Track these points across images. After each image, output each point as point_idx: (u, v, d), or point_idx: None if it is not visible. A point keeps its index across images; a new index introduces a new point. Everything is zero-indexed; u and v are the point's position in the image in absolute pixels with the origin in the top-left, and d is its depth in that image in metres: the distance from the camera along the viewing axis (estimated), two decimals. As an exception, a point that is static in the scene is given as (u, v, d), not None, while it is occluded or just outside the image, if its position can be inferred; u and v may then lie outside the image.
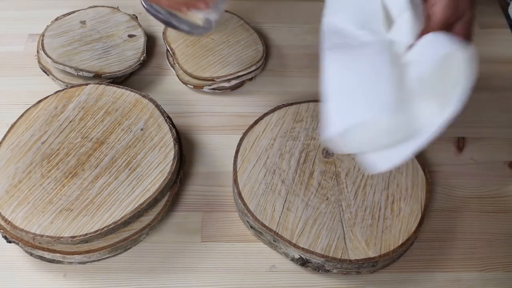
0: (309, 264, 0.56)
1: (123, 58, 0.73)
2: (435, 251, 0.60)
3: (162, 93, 0.73)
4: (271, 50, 0.80)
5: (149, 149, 0.60)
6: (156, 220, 0.58)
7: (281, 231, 0.57)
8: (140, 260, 0.59)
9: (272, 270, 0.58)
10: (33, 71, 0.75)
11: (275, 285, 0.58)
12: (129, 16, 0.78)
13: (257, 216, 0.58)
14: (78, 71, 0.70)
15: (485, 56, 0.80)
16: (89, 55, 0.72)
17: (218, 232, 0.61)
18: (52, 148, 0.60)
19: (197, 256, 0.59)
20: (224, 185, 0.64)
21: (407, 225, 0.57)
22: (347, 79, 0.47)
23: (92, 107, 0.64)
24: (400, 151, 0.46)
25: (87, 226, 0.54)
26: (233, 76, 0.72)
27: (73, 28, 0.75)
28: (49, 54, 0.71)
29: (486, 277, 0.59)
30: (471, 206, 0.64)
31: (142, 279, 0.57)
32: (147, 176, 0.58)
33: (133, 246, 0.59)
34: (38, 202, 0.56)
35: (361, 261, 0.55)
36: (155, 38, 0.80)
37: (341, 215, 0.58)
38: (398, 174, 0.61)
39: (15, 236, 0.55)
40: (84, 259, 0.56)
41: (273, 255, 0.59)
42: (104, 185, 0.57)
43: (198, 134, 0.69)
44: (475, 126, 0.72)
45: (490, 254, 0.60)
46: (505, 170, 0.68)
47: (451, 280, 0.58)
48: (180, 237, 0.61)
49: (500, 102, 0.75)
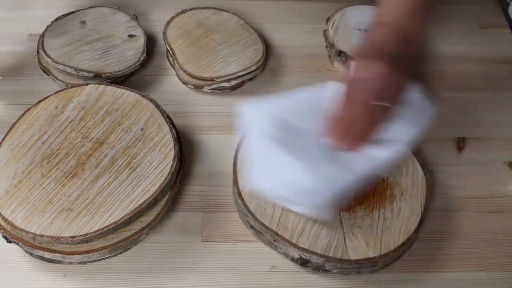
0: (309, 264, 0.56)
1: (123, 58, 0.73)
2: (435, 251, 0.60)
3: (162, 93, 0.73)
4: (271, 50, 0.80)
5: (149, 149, 0.60)
6: (156, 220, 0.58)
7: (281, 231, 0.57)
8: (140, 260, 0.59)
9: (272, 270, 0.58)
10: (33, 71, 0.75)
11: (275, 285, 0.58)
12: (129, 16, 0.78)
13: (257, 216, 0.58)
14: (78, 71, 0.70)
15: (485, 56, 0.81)
16: (89, 55, 0.72)
17: (218, 232, 0.61)
18: (52, 148, 0.60)
19: (197, 256, 0.59)
20: (224, 185, 0.64)
21: (407, 225, 0.57)
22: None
23: (92, 107, 0.64)
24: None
25: (87, 226, 0.54)
26: (233, 76, 0.72)
27: (73, 28, 0.75)
28: (49, 54, 0.71)
29: (486, 277, 0.59)
30: (470, 206, 0.64)
31: (142, 279, 0.57)
32: (147, 176, 0.58)
33: (133, 246, 0.59)
34: (38, 202, 0.56)
35: (361, 261, 0.55)
36: (155, 38, 0.80)
37: (341, 215, 0.58)
38: (398, 174, 0.61)
39: (15, 236, 0.55)
40: (84, 259, 0.56)
41: (273, 255, 0.59)
42: (104, 185, 0.57)
43: (198, 134, 0.69)
44: (475, 126, 0.72)
45: (490, 254, 0.60)
46: (505, 170, 0.68)
47: (451, 280, 0.58)
48: (180, 237, 0.61)
49: (500, 102, 0.75)
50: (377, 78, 0.52)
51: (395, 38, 0.55)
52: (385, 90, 0.52)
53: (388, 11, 0.57)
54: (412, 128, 0.56)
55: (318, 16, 0.82)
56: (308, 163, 0.52)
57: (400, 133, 0.55)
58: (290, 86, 0.75)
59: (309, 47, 0.80)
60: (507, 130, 0.72)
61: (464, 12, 0.86)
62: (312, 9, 0.85)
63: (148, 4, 0.85)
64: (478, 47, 0.82)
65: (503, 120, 0.73)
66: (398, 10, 0.57)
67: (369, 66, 0.52)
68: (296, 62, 0.78)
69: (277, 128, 0.55)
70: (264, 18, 0.84)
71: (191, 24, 0.78)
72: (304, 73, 0.77)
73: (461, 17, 0.86)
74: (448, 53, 0.79)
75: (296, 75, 0.77)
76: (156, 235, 0.60)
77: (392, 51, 0.53)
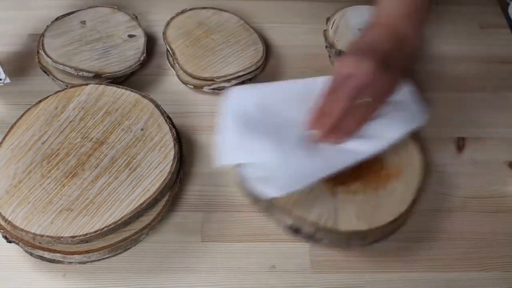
0: (300, 232, 0.57)
1: (123, 58, 0.73)
2: (435, 251, 0.60)
3: (162, 93, 0.73)
4: (271, 50, 0.80)
5: (149, 149, 0.60)
6: (156, 220, 0.58)
7: (276, 199, 0.57)
8: (140, 260, 0.59)
9: (272, 270, 0.58)
10: (33, 71, 0.75)
11: (275, 285, 0.58)
12: (129, 16, 0.78)
13: None
14: (78, 71, 0.70)
15: (485, 56, 0.81)
16: (89, 55, 0.72)
17: (218, 232, 0.61)
18: (52, 148, 0.60)
19: (197, 256, 0.59)
20: (224, 185, 0.64)
21: (400, 204, 0.58)
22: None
23: (92, 107, 0.64)
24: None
25: (87, 226, 0.54)
26: (233, 76, 0.72)
27: (73, 28, 0.75)
28: (49, 54, 0.71)
29: (486, 277, 0.59)
30: (471, 206, 0.64)
31: (142, 279, 0.57)
32: (147, 176, 0.58)
33: (133, 246, 0.59)
34: (38, 202, 0.56)
35: (350, 233, 0.56)
36: (155, 38, 0.80)
37: (335, 188, 0.58)
38: (394, 154, 0.61)
39: (15, 236, 0.55)
40: (84, 259, 0.56)
41: (273, 255, 0.59)
42: (104, 185, 0.57)
43: (198, 134, 0.69)
44: (475, 126, 0.72)
45: (490, 254, 0.61)
46: (505, 170, 0.68)
47: (451, 280, 0.59)
48: (180, 237, 0.61)
49: (500, 102, 0.75)
50: (363, 75, 0.52)
51: (389, 38, 0.55)
52: (370, 87, 0.53)
53: (384, 12, 0.58)
54: (398, 127, 0.57)
55: (318, 16, 0.82)
56: (281, 148, 0.55)
57: (385, 130, 0.56)
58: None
59: (309, 47, 0.80)
60: (507, 130, 0.72)
61: (464, 12, 0.86)
62: (312, 9, 0.85)
63: (148, 4, 0.85)
64: (478, 47, 0.82)
65: (503, 120, 0.73)
66: (394, 11, 0.57)
67: (357, 62, 0.53)
68: (296, 62, 0.79)
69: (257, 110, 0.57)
70: (264, 18, 0.84)
71: (191, 24, 0.78)
72: (304, 73, 0.77)
73: (461, 17, 0.86)
74: (448, 53, 0.79)
75: (296, 75, 0.76)
76: (156, 235, 0.60)
77: (385, 50, 0.54)
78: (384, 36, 0.56)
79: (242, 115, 0.58)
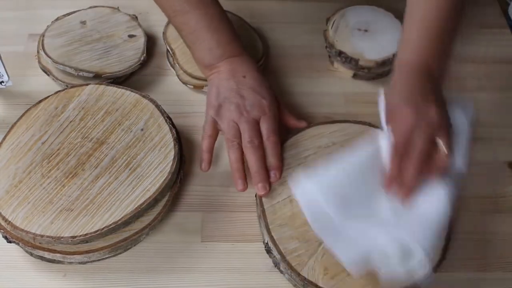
0: (270, 254, 0.57)
1: (123, 58, 0.73)
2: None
3: (162, 93, 0.73)
4: (271, 50, 0.80)
5: (149, 149, 0.60)
6: (156, 220, 0.58)
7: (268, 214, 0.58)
8: (140, 260, 0.59)
9: (272, 270, 0.58)
10: (33, 71, 0.75)
11: (275, 285, 0.58)
12: (129, 16, 0.78)
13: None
14: (78, 71, 0.70)
15: (485, 56, 0.81)
16: (89, 55, 0.72)
17: (218, 232, 0.61)
18: (52, 148, 0.60)
19: (197, 256, 0.59)
20: (224, 185, 0.64)
21: None
22: None
23: (92, 107, 0.64)
24: None
25: (87, 226, 0.54)
26: (233, 76, 0.72)
27: (73, 28, 0.75)
28: (49, 54, 0.71)
29: (486, 277, 0.59)
30: (471, 206, 0.64)
31: (142, 279, 0.57)
32: (147, 176, 0.58)
33: (133, 246, 0.59)
34: (38, 202, 0.56)
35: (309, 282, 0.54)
36: (155, 38, 0.80)
37: None
38: None
39: (15, 236, 0.55)
40: (84, 259, 0.56)
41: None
42: (104, 185, 0.57)
43: (198, 134, 0.69)
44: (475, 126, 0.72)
45: (490, 254, 0.60)
46: (505, 170, 0.68)
47: (451, 280, 0.58)
48: (180, 237, 0.61)
49: (500, 102, 0.75)
50: (432, 118, 0.53)
51: (422, 77, 0.56)
52: (442, 127, 0.54)
53: (409, 48, 0.58)
54: (461, 151, 0.57)
55: (318, 16, 0.82)
56: (378, 225, 0.52)
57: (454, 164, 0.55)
58: (290, 86, 0.75)
59: (309, 47, 0.80)
60: (507, 130, 0.72)
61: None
62: (312, 9, 0.85)
63: (148, 4, 0.85)
64: (478, 47, 0.82)
65: (503, 120, 0.73)
66: (420, 46, 0.58)
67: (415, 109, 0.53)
68: (296, 62, 0.78)
69: (333, 201, 0.53)
70: (264, 18, 0.84)
71: (191, 24, 0.78)
72: (304, 73, 0.77)
73: (461, 17, 0.86)
74: (448, 53, 0.79)
75: (296, 75, 0.77)
76: (156, 235, 0.60)
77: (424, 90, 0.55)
78: (417, 80, 0.56)
79: (322, 211, 0.53)
